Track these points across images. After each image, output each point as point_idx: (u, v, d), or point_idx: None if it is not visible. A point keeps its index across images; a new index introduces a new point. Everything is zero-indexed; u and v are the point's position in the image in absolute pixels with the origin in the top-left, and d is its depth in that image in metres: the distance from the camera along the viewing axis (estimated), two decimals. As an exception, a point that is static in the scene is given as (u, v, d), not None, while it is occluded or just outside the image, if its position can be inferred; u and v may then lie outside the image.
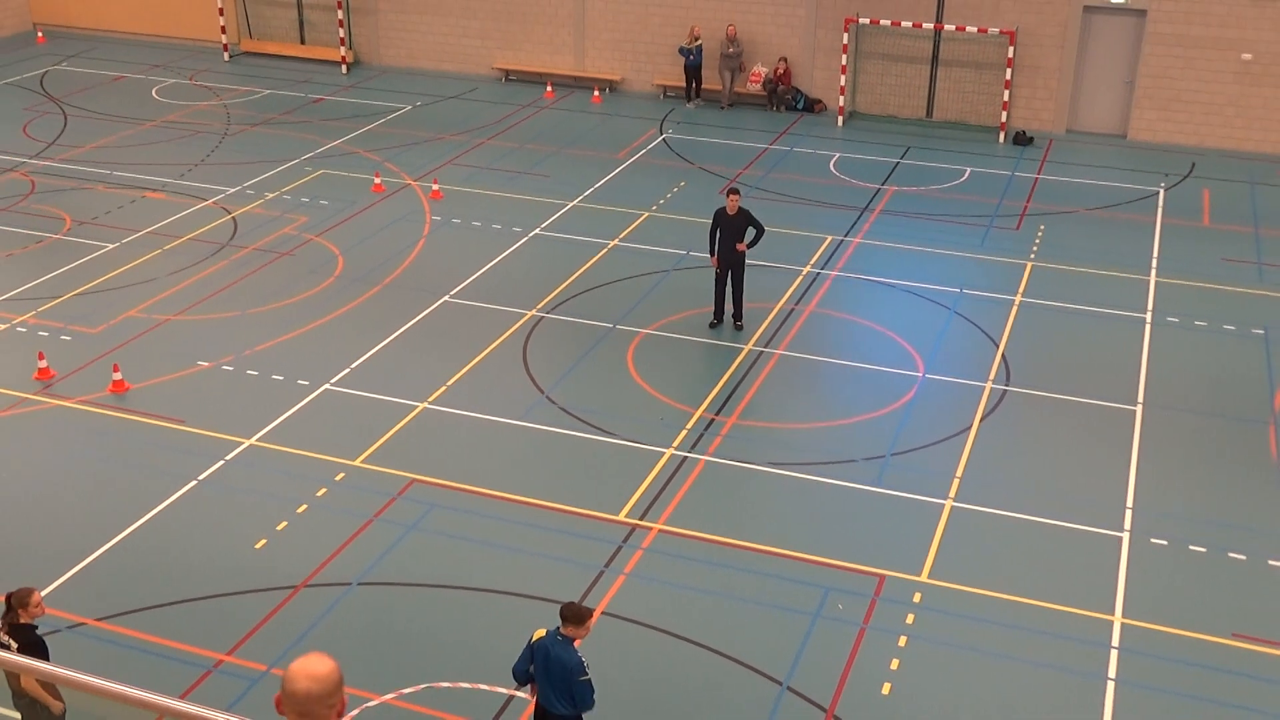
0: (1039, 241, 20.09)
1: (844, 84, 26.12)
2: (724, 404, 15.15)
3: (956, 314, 17.56)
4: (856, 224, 20.73)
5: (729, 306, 16.93)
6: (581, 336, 16.78)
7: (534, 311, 17.39)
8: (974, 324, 17.29)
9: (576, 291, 18.06)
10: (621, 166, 23.42)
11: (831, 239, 20.06)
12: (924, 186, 22.59)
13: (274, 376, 15.60)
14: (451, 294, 17.95)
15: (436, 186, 21.85)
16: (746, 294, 16.94)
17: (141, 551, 12.38)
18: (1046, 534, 12.79)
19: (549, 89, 28.22)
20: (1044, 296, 18.09)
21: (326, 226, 20.32)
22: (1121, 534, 12.79)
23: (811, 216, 21.00)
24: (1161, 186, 22.72)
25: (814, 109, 26.86)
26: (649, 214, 21.01)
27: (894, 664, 10.98)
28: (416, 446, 14.17)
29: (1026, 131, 25.33)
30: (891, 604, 11.73)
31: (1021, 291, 18.24)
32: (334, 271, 18.66)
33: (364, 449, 14.08)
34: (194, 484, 13.43)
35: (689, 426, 14.62)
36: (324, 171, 22.87)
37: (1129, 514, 13.10)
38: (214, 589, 11.81)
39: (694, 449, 14.17)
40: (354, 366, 15.88)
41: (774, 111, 26.92)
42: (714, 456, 14.04)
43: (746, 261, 16.83)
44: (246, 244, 19.59)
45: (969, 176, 23.20)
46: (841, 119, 26.26)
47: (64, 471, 13.74)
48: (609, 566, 12.19)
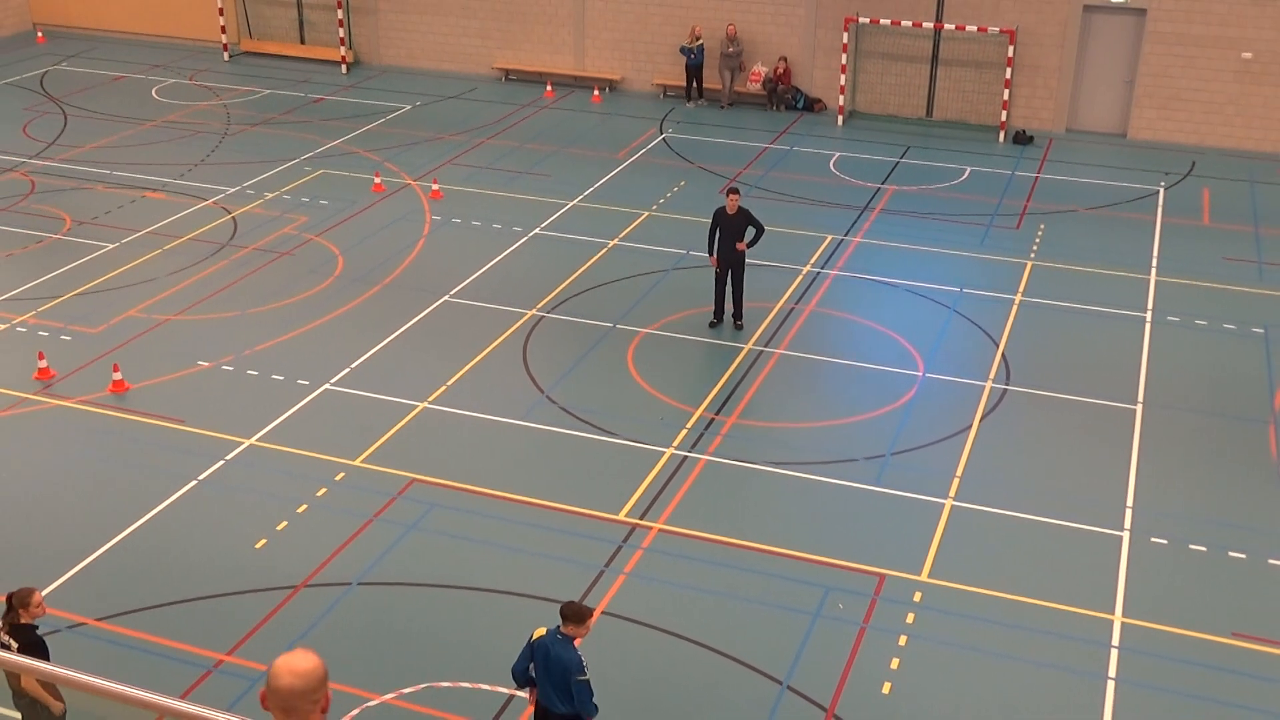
0: (1039, 241, 20.09)
1: (844, 83, 26.12)
2: (724, 403, 15.15)
3: (957, 313, 17.56)
4: (856, 223, 20.73)
5: (729, 306, 16.94)
6: (581, 336, 16.78)
7: (534, 311, 17.39)
8: (974, 323, 17.29)
9: (576, 291, 18.06)
10: (621, 166, 23.42)
11: (831, 238, 20.06)
12: (924, 186, 22.59)
13: (274, 376, 15.61)
14: (451, 294, 17.95)
15: (436, 186, 21.85)
16: (746, 293, 16.94)
17: (141, 551, 12.38)
18: (1047, 533, 12.79)
19: (549, 89, 28.21)
20: (1044, 296, 18.09)
21: (326, 226, 20.32)
22: (1122, 533, 12.79)
23: (811, 216, 21.00)
24: (1162, 185, 22.72)
25: (814, 108, 26.86)
26: (649, 213, 21.00)
27: (894, 663, 10.98)
28: (416, 446, 14.17)
29: (1026, 131, 25.32)
30: (892, 603, 11.73)
31: (1022, 291, 18.24)
32: (334, 271, 18.66)
33: (364, 449, 14.08)
34: (194, 484, 13.44)
35: (689, 426, 14.62)
36: (324, 171, 22.88)
37: (1129, 513, 13.10)
38: (214, 589, 11.81)
39: (694, 448, 14.17)
40: (354, 366, 15.88)
41: (774, 111, 26.92)
42: (714, 456, 14.04)
43: (746, 261, 16.84)
44: (246, 244, 19.59)
45: (969, 176, 23.20)
46: (841, 118, 26.26)
47: (64, 471, 13.75)
48: (609, 566, 12.19)
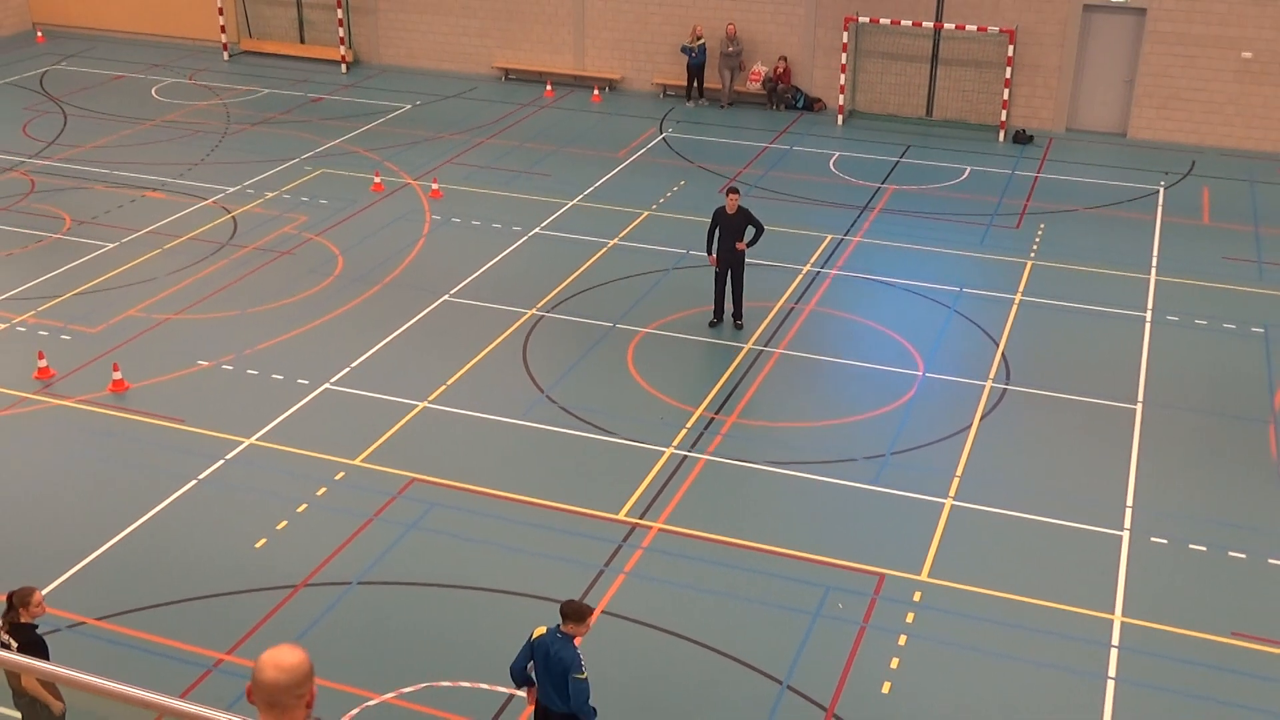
0: (1039, 240, 20.09)
1: (844, 83, 26.11)
2: (724, 403, 15.15)
3: (956, 313, 17.56)
4: (856, 223, 20.73)
5: (729, 305, 16.93)
6: (581, 335, 16.78)
7: (534, 311, 17.39)
8: (974, 323, 17.29)
9: (576, 290, 18.06)
10: (621, 165, 23.42)
11: (831, 238, 20.06)
12: (924, 185, 22.59)
13: (274, 376, 15.61)
14: (451, 293, 17.95)
15: (436, 185, 21.85)
16: (746, 293, 16.94)
17: (141, 551, 12.38)
18: (1046, 533, 12.79)
19: (549, 88, 28.21)
20: (1044, 295, 18.09)
21: (326, 226, 20.32)
22: (1121, 533, 12.79)
23: (811, 215, 21.00)
24: (1161, 185, 22.72)
25: (814, 108, 26.86)
26: (649, 213, 21.00)
27: (894, 663, 10.98)
28: (416, 446, 14.18)
29: (1026, 130, 25.32)
30: (891, 603, 11.73)
31: (1021, 290, 18.24)
32: (334, 271, 18.66)
33: (364, 448, 14.08)
34: (194, 483, 13.44)
35: (689, 425, 14.63)
36: (324, 171, 22.87)
37: (1129, 513, 13.10)
38: (214, 588, 11.81)
39: (694, 448, 14.17)
40: (354, 366, 15.88)
41: (774, 110, 26.92)
42: (714, 455, 14.05)
43: (746, 260, 16.84)
44: (246, 243, 19.59)
45: (969, 175, 23.20)
46: (841, 118, 26.25)
47: (64, 471, 13.75)
48: (609, 565, 12.20)
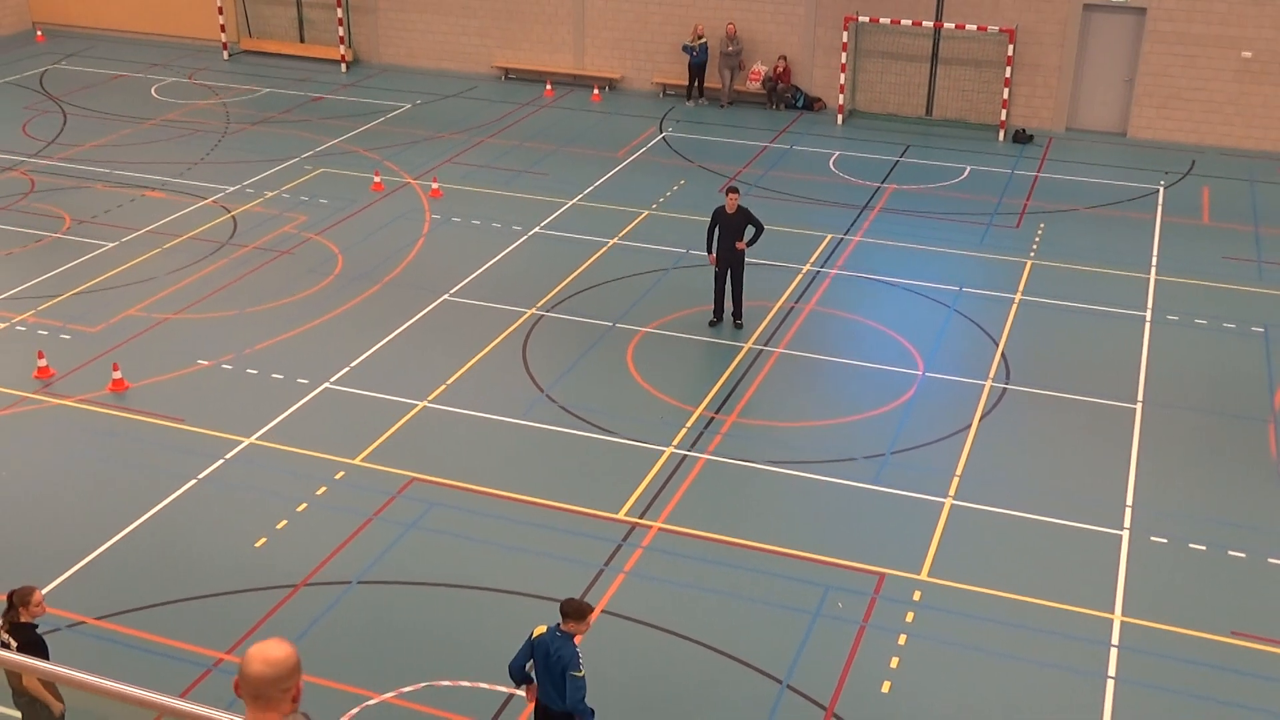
0: (1039, 240, 20.09)
1: (844, 82, 26.11)
2: (724, 402, 15.15)
3: (956, 312, 17.56)
4: (856, 222, 20.73)
5: (729, 305, 16.93)
6: (581, 335, 16.78)
7: (534, 310, 17.39)
8: (974, 322, 17.29)
9: (576, 290, 18.06)
10: (621, 165, 23.41)
11: (831, 237, 20.06)
12: (924, 185, 22.59)
13: (274, 375, 15.60)
14: (451, 292, 17.95)
15: (436, 185, 21.85)
16: (746, 292, 16.94)
17: (141, 550, 12.38)
18: (1046, 532, 12.79)
19: (548, 87, 28.20)
20: (1044, 295, 18.09)
21: (326, 225, 20.31)
22: (1121, 532, 12.79)
23: (811, 215, 21.00)
24: (1161, 184, 22.72)
25: (814, 107, 26.85)
26: (649, 212, 21.00)
27: (894, 662, 10.98)
28: (416, 445, 14.17)
29: (1026, 129, 25.32)
30: (891, 602, 11.73)
31: (1021, 290, 18.24)
32: (333, 270, 18.66)
33: (364, 447, 14.08)
34: (194, 483, 13.44)
35: (689, 425, 14.62)
36: (323, 170, 22.87)
37: (1129, 512, 13.10)
38: (214, 587, 11.81)
39: (694, 447, 14.17)
40: (354, 365, 15.88)
41: (773, 110, 26.91)
42: (714, 455, 14.05)
43: (746, 260, 16.83)
44: (246, 242, 19.59)
45: (969, 175, 23.20)
46: (841, 117, 26.25)
47: (64, 471, 13.74)
48: (609, 565, 12.20)
